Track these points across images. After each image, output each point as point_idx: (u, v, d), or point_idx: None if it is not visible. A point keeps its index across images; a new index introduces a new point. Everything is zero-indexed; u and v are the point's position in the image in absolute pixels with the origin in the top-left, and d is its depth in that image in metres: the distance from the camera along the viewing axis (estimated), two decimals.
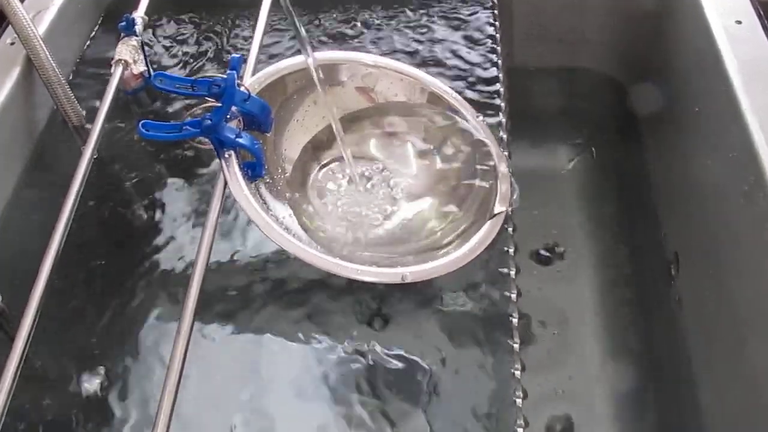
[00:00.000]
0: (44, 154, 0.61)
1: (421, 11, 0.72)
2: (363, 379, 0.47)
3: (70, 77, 0.66)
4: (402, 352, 0.48)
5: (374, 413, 0.46)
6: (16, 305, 0.42)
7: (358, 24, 0.71)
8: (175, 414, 0.36)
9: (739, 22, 0.62)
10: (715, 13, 0.63)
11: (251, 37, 0.56)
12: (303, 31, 0.48)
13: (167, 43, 0.71)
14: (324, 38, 0.70)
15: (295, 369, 0.48)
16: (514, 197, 0.51)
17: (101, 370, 0.48)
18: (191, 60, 0.69)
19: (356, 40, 0.69)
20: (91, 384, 0.48)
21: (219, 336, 0.50)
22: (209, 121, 0.47)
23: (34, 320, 0.41)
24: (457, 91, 0.56)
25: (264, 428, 0.46)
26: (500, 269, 0.51)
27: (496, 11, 0.71)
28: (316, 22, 0.71)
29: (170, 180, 0.59)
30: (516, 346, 0.47)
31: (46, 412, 0.47)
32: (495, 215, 0.48)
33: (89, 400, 0.47)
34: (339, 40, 0.69)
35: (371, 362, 0.48)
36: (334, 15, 0.72)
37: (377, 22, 0.71)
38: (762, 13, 0.63)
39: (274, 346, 0.49)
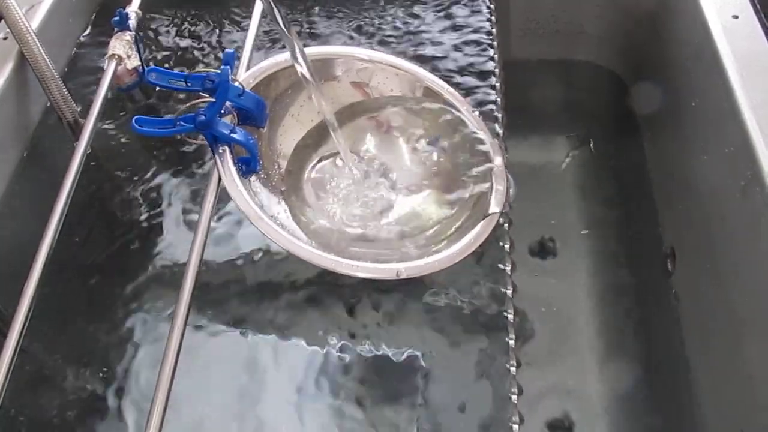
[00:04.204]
0: (38, 150, 0.61)
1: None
2: (356, 374, 0.47)
3: (65, 72, 0.66)
4: (396, 348, 0.48)
5: (367, 409, 0.46)
6: (10, 301, 0.42)
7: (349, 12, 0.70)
8: (170, 410, 0.36)
9: (736, 17, 0.62)
10: (712, 7, 0.63)
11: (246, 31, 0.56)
12: (284, 27, 0.47)
13: (161, 38, 0.70)
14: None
15: (288, 365, 0.48)
16: (511, 192, 0.51)
17: (96, 366, 0.48)
18: (185, 55, 0.68)
19: (347, 30, 0.68)
20: (85, 381, 0.48)
21: (213, 331, 0.50)
22: (203, 117, 0.46)
23: (27, 317, 0.41)
24: (452, 86, 0.56)
25: (260, 424, 0.46)
26: (496, 265, 0.51)
27: (492, 5, 0.70)
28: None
29: (165, 175, 0.59)
30: (511, 342, 0.47)
31: (41, 410, 0.47)
32: (489, 215, 0.48)
33: (84, 397, 0.47)
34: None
35: (364, 358, 0.47)
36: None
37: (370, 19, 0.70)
38: (759, 7, 0.62)
39: (270, 341, 0.49)
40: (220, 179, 0.47)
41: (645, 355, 0.72)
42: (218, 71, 0.47)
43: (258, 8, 0.56)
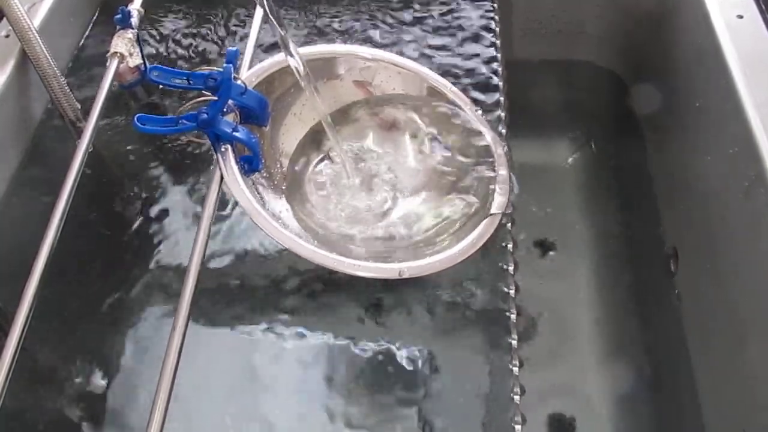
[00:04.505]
0: (40, 148, 0.61)
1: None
2: (360, 373, 0.47)
3: (66, 70, 0.66)
4: (399, 348, 0.48)
5: (370, 408, 0.45)
6: (11, 300, 0.41)
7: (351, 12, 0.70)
8: (171, 409, 0.36)
9: (741, 17, 0.61)
10: (716, 6, 0.63)
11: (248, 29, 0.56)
12: (272, 18, 0.47)
13: (163, 35, 0.70)
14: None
15: (290, 364, 0.48)
16: (513, 192, 0.51)
17: (97, 366, 0.48)
18: (188, 53, 0.68)
19: (349, 30, 0.68)
20: (85, 380, 0.48)
21: (215, 330, 0.50)
22: (205, 115, 0.46)
23: (29, 315, 0.40)
24: (455, 85, 0.56)
25: (260, 424, 0.46)
26: (498, 265, 0.50)
27: (495, 4, 0.70)
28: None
29: (167, 173, 0.59)
30: (514, 342, 0.47)
31: (41, 410, 0.47)
32: (492, 215, 0.48)
33: (84, 397, 0.47)
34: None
35: (368, 357, 0.47)
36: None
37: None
38: (763, 7, 0.62)
39: (271, 339, 0.49)
40: (222, 178, 0.46)
41: (647, 355, 0.72)
42: (221, 69, 0.47)
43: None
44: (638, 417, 0.70)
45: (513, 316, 0.48)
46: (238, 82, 0.49)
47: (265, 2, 0.46)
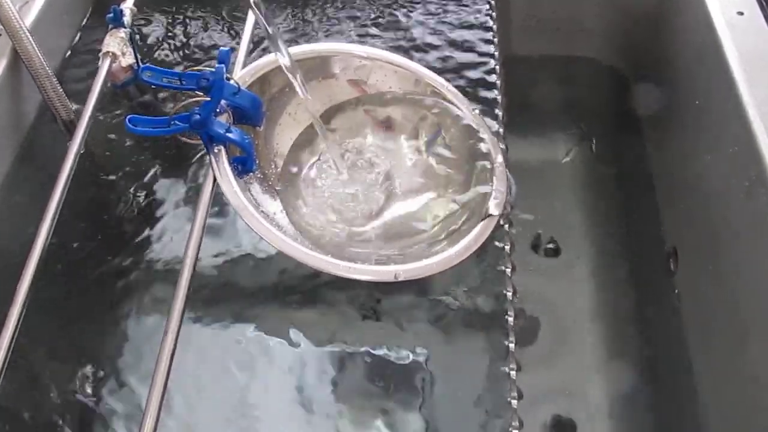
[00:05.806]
0: (33, 148, 0.60)
1: None
2: (355, 377, 0.46)
3: (59, 70, 0.65)
4: (395, 351, 0.47)
5: (367, 412, 0.45)
6: (3, 300, 0.41)
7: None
8: (166, 412, 0.36)
9: (741, 13, 0.61)
10: (716, 3, 0.63)
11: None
12: (270, 28, 0.46)
13: (156, 35, 0.70)
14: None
15: (285, 367, 0.47)
16: (512, 191, 0.50)
17: (89, 367, 0.48)
18: (181, 53, 0.67)
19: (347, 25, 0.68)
20: (79, 382, 0.47)
21: (209, 333, 0.49)
22: (198, 116, 0.46)
23: (20, 316, 0.40)
24: (452, 83, 0.55)
25: (256, 426, 0.45)
26: (496, 266, 0.50)
27: (493, 1, 0.69)
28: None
29: (162, 173, 0.58)
30: (511, 345, 0.46)
31: (35, 411, 0.46)
32: (489, 216, 0.47)
33: (75, 400, 0.46)
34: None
35: (363, 360, 0.47)
36: None
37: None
38: (764, 4, 0.62)
39: (267, 342, 0.49)
40: (215, 180, 0.46)
41: (646, 356, 0.72)
42: (213, 69, 0.46)
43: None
44: (638, 418, 0.69)
45: (510, 319, 0.47)
46: (231, 82, 0.48)
47: (252, 2, 0.45)
